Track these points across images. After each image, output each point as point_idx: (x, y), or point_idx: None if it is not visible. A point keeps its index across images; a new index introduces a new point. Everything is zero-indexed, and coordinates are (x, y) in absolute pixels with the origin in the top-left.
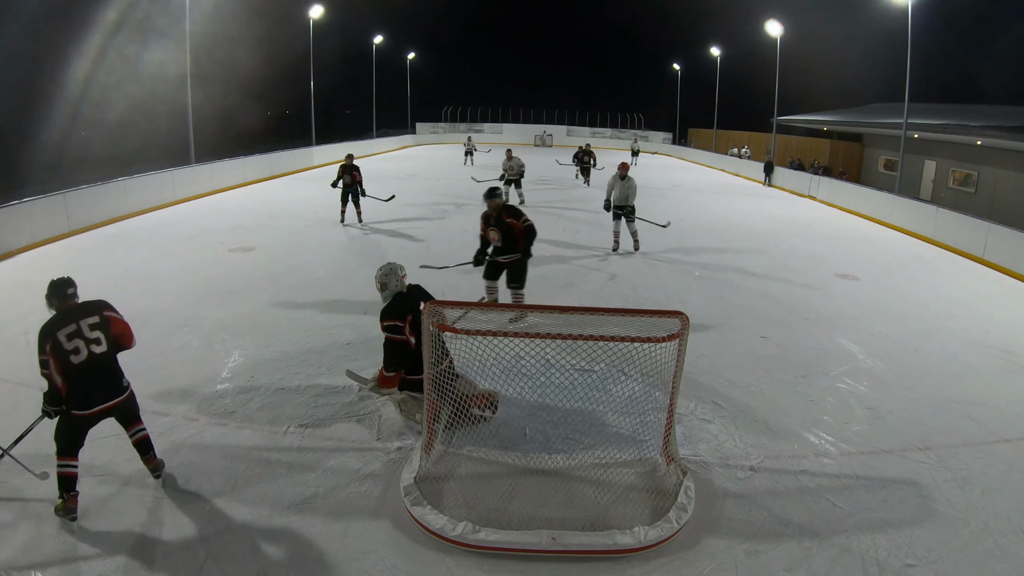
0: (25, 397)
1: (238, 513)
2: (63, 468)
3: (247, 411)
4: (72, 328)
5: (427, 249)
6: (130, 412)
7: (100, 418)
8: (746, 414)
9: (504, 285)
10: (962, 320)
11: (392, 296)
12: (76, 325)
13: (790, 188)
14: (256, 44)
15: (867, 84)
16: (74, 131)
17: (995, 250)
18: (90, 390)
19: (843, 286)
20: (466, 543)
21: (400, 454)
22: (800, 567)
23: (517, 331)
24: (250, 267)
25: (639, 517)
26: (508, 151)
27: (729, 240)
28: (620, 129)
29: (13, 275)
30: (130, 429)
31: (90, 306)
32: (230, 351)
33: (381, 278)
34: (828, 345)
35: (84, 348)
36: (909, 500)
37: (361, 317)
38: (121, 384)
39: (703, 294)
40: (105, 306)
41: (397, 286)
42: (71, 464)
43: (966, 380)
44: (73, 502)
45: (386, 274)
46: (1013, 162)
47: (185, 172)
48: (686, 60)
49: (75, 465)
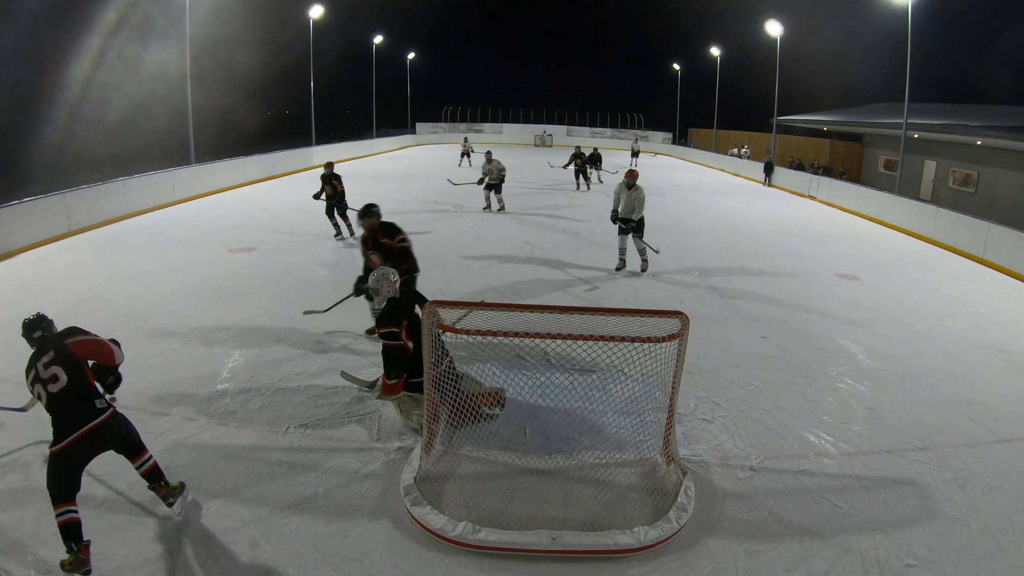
0: (25, 397)
1: (238, 513)
2: (61, 516)
3: (247, 411)
4: (33, 373)
5: (427, 249)
6: (126, 441)
7: (84, 450)
8: (746, 414)
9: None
10: (962, 320)
11: (386, 302)
12: (35, 369)
13: (790, 188)
14: (256, 44)
15: (867, 84)
16: (74, 131)
17: (995, 250)
18: (61, 422)
19: (843, 286)
20: (466, 543)
21: (400, 454)
22: (800, 567)
23: (519, 331)
24: (250, 267)
25: (639, 517)
26: (487, 153)
27: (729, 240)
28: (620, 129)
29: (13, 275)
30: (135, 461)
31: (48, 342)
32: (230, 351)
33: (373, 284)
34: (828, 345)
35: (43, 390)
36: (909, 500)
37: (361, 317)
38: (94, 407)
39: (703, 294)
40: (67, 335)
41: (390, 291)
42: (69, 510)
43: (966, 380)
44: (85, 553)
45: (377, 280)
46: (1013, 162)
47: (185, 172)
48: (686, 60)
49: (74, 510)
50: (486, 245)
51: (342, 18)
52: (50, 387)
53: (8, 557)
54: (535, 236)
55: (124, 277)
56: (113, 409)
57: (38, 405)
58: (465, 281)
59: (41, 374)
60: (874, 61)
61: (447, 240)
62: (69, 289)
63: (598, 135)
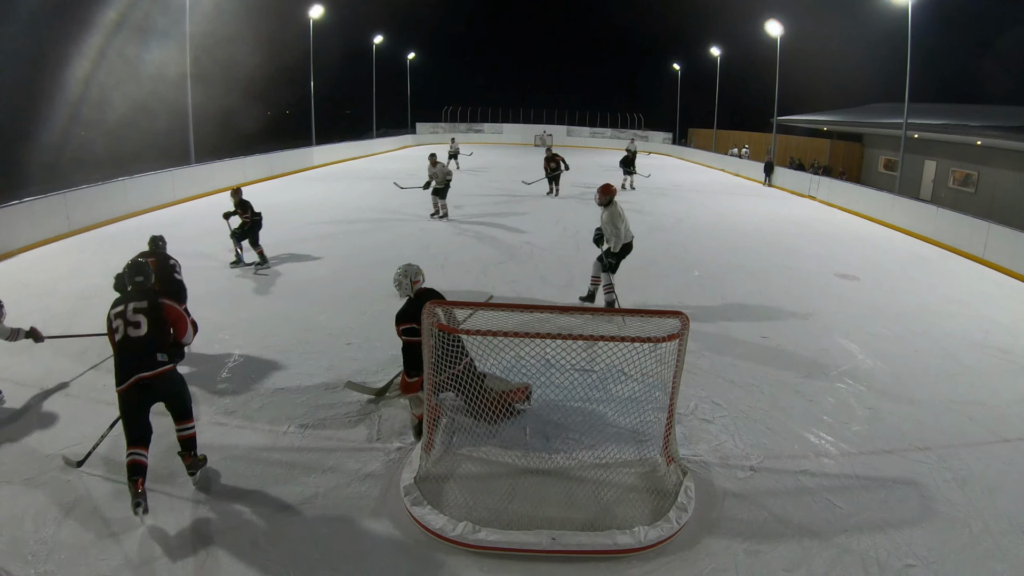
0: (26, 397)
1: (238, 513)
2: (127, 457)
3: (247, 411)
4: (121, 309)
5: (427, 250)
6: (175, 400)
7: (139, 397)
8: (746, 414)
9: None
10: (962, 320)
11: (405, 299)
12: (126, 309)
13: (790, 188)
14: (256, 44)
15: (867, 84)
16: (74, 131)
17: (995, 250)
18: (124, 365)
19: (843, 286)
20: (466, 543)
21: (400, 454)
22: (800, 567)
23: (519, 331)
24: (250, 267)
25: (639, 517)
26: (432, 155)
27: (729, 240)
28: (620, 129)
29: (13, 275)
30: (177, 424)
31: (146, 291)
32: (230, 351)
33: (394, 281)
34: (828, 345)
35: (123, 330)
36: (909, 500)
37: (361, 317)
38: (155, 360)
39: (703, 294)
40: (164, 294)
41: (407, 290)
42: (133, 453)
43: (966, 380)
44: (138, 486)
45: (397, 277)
46: (1013, 162)
47: (185, 172)
48: (686, 60)
49: (137, 453)
50: (486, 245)
51: (342, 18)
52: (131, 331)
53: (8, 557)
54: (535, 236)
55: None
56: (172, 367)
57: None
58: (465, 281)
59: (129, 316)
60: (874, 61)
61: (446, 240)
62: (69, 289)
63: (598, 135)
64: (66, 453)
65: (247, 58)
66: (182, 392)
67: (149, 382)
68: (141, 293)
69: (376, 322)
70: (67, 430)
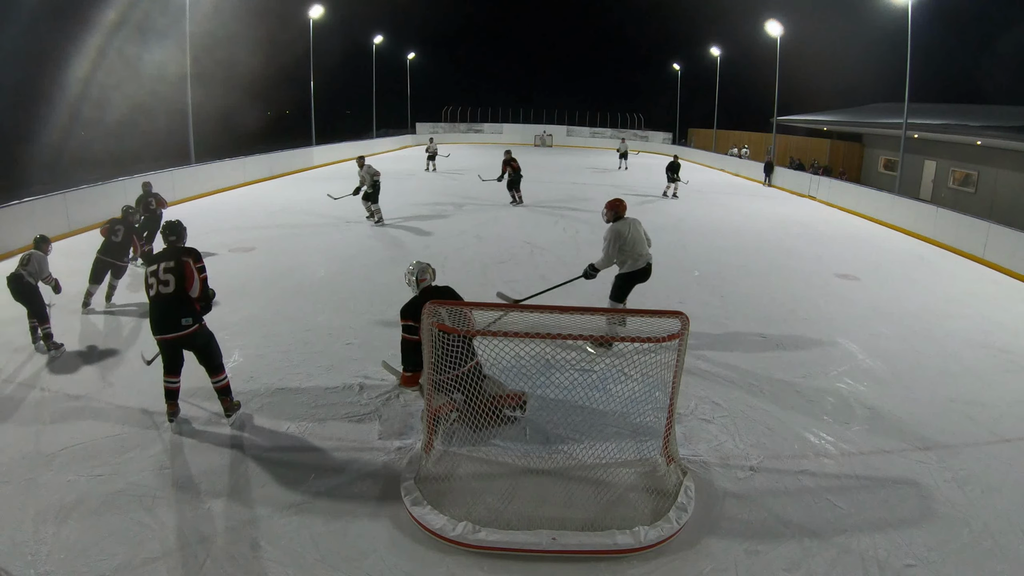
0: (26, 396)
1: (238, 513)
2: (165, 383)
3: (247, 411)
4: (155, 268)
5: (427, 249)
6: (204, 352)
7: (171, 349)
8: (746, 414)
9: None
10: (962, 320)
11: (412, 296)
12: (158, 268)
13: (790, 188)
14: (256, 44)
15: (867, 84)
16: (74, 131)
17: (995, 250)
18: (155, 321)
19: (843, 286)
20: (466, 543)
21: (400, 454)
22: (800, 567)
23: (519, 332)
24: (250, 267)
25: (639, 517)
26: (359, 158)
27: (729, 240)
28: (620, 129)
29: None
30: (211, 378)
31: (175, 251)
32: (230, 351)
33: (405, 277)
34: (828, 345)
35: (156, 287)
36: (909, 500)
37: (361, 317)
38: (179, 322)
39: (703, 294)
40: (188, 253)
41: (414, 288)
42: (169, 380)
43: (966, 380)
44: (171, 408)
45: (406, 274)
46: (1013, 162)
47: (185, 172)
48: (686, 60)
49: (171, 381)
50: (486, 245)
51: (342, 18)
52: (161, 288)
53: (8, 557)
54: (535, 236)
55: (123, 276)
56: (198, 326)
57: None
58: (465, 281)
59: (160, 275)
60: (874, 61)
61: (447, 240)
62: (69, 289)
63: (598, 135)
64: (144, 352)
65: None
66: (210, 345)
67: (174, 341)
68: (169, 251)
69: (376, 322)
70: (67, 430)
